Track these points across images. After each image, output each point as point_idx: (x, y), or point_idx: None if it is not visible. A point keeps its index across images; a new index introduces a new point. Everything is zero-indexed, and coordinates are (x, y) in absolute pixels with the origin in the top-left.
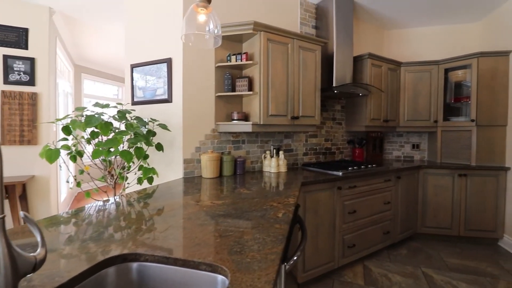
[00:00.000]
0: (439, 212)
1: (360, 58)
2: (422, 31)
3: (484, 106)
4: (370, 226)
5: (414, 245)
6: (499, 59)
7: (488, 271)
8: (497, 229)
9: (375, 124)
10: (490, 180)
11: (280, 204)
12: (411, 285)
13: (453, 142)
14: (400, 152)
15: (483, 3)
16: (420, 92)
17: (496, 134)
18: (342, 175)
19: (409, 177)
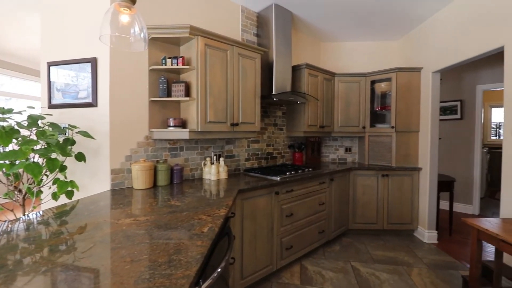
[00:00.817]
0: (366, 209)
1: (298, 68)
2: (353, 45)
3: (401, 114)
4: (306, 227)
5: (346, 241)
6: (413, 74)
7: (405, 260)
8: (412, 222)
9: (312, 129)
10: (406, 179)
11: (210, 217)
12: (341, 280)
13: (378, 146)
14: (335, 155)
15: (400, 25)
16: (351, 101)
17: (411, 139)
18: (280, 180)
19: (341, 179)
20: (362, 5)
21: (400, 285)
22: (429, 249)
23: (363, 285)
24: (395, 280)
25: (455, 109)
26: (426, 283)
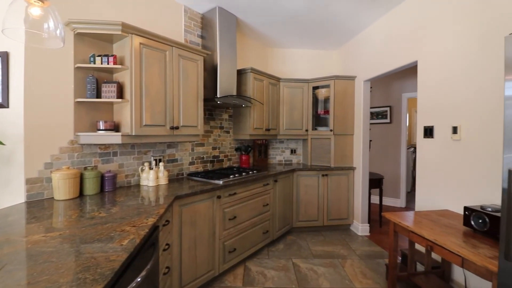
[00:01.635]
0: (309, 207)
1: (244, 72)
2: (298, 52)
3: (339, 118)
4: (250, 228)
5: (290, 239)
6: (348, 82)
7: (341, 253)
8: (349, 217)
9: (258, 132)
10: (343, 178)
11: (134, 228)
12: (282, 277)
13: (319, 148)
14: (282, 156)
15: (338, 36)
16: (295, 105)
17: (347, 141)
18: (222, 184)
19: (285, 180)
20: (302, 14)
21: (334, 277)
22: (362, 241)
23: (302, 280)
24: (330, 273)
25: (385, 114)
26: (356, 273)
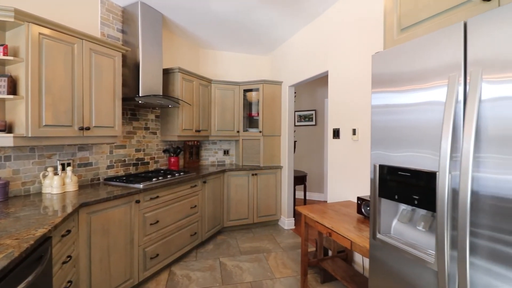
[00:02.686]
0: (239, 206)
1: (171, 71)
2: (231, 55)
3: (267, 120)
4: (176, 232)
5: (220, 238)
6: (276, 86)
7: (267, 247)
8: (277, 212)
9: (187, 133)
10: (271, 177)
11: (17, 240)
12: (207, 278)
13: (250, 148)
14: (215, 158)
15: (267, 42)
16: (227, 107)
17: (275, 142)
18: (143, 187)
19: (215, 181)
20: (230, 19)
21: (258, 271)
22: (287, 234)
23: (226, 278)
24: (254, 267)
25: (311, 117)
26: (278, 264)
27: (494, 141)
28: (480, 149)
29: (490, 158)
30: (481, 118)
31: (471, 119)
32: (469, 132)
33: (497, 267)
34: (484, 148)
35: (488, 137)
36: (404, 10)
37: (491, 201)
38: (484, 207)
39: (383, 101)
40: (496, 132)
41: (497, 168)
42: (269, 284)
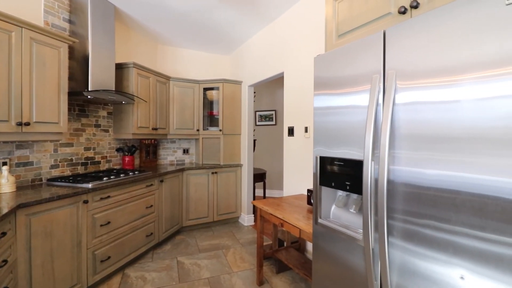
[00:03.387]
0: (199, 205)
1: (125, 66)
2: (192, 53)
3: (227, 119)
4: (130, 232)
5: (179, 238)
6: (236, 86)
7: (226, 244)
8: (237, 210)
9: (143, 131)
10: (231, 175)
11: None
12: (163, 277)
13: (210, 147)
14: (174, 157)
15: (228, 42)
16: (186, 105)
17: (235, 140)
18: (91, 187)
19: (173, 180)
20: (190, 16)
21: (216, 267)
22: (247, 230)
23: (184, 276)
24: (213, 263)
25: (271, 116)
26: (236, 259)
27: (405, 139)
28: (394, 146)
29: (402, 153)
30: (396, 120)
31: (387, 121)
32: (385, 131)
33: (410, 244)
34: (398, 145)
35: (400, 135)
36: (341, 18)
37: (404, 188)
38: (398, 193)
39: (323, 103)
40: (407, 132)
41: (408, 161)
42: (226, 278)
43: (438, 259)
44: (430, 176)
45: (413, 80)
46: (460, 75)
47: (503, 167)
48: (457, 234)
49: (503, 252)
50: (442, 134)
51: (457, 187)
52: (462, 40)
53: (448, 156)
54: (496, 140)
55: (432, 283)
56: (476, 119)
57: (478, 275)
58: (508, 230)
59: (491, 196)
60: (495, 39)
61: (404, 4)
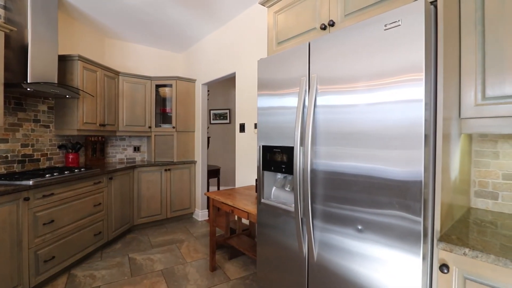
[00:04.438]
0: (151, 203)
1: (70, 59)
2: (144, 49)
3: (181, 116)
4: (77, 231)
5: (130, 237)
6: (190, 84)
7: (180, 238)
8: (191, 206)
9: (90, 128)
10: (185, 171)
11: None
12: (114, 274)
13: (163, 144)
14: (123, 155)
15: (182, 40)
16: (137, 101)
17: (189, 138)
18: (33, 184)
19: (123, 177)
20: (138, 9)
21: (169, 260)
22: (201, 225)
23: (136, 270)
24: (166, 257)
25: (225, 115)
26: (190, 251)
27: (323, 136)
28: (316, 141)
29: (322, 147)
30: (317, 120)
31: (309, 124)
32: (308, 129)
33: (326, 207)
34: (319, 141)
35: (320, 133)
36: (280, 28)
37: (324, 181)
38: (318, 176)
39: (265, 103)
40: (324, 130)
41: (325, 154)
42: (180, 268)
43: (343, 214)
44: (337, 165)
45: (328, 85)
46: (355, 83)
47: (383, 157)
48: (355, 200)
49: (382, 213)
50: (345, 132)
51: (355, 173)
52: (357, 54)
53: (348, 150)
54: (379, 136)
55: (340, 233)
56: (366, 120)
57: (369, 228)
58: (383, 200)
59: (376, 177)
60: (378, 55)
61: (324, 22)
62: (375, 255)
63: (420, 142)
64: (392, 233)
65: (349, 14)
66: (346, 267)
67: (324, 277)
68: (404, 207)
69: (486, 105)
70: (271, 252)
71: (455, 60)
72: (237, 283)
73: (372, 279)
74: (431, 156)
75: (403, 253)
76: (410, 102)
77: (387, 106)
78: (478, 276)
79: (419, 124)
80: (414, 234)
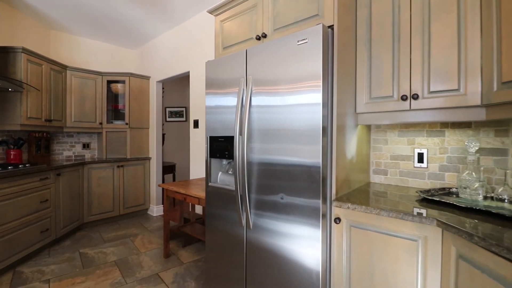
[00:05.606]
0: (103, 200)
1: (12, 51)
2: (94, 43)
3: (134, 113)
4: (22, 228)
5: (80, 234)
6: (144, 81)
7: (134, 232)
8: (145, 202)
9: (34, 123)
10: (139, 168)
11: None
12: (65, 267)
13: (115, 141)
14: (71, 152)
15: (136, 37)
16: (87, 97)
17: (143, 134)
18: None
19: (72, 173)
20: (86, 2)
21: (123, 252)
22: (156, 219)
23: (88, 263)
24: (120, 249)
25: (182, 113)
26: (144, 243)
27: (256, 132)
28: (252, 137)
29: (256, 143)
30: (253, 119)
31: (245, 119)
32: (244, 126)
33: (260, 188)
34: (254, 134)
35: (255, 130)
36: (225, 35)
37: (257, 168)
38: (254, 168)
39: (211, 102)
40: (258, 127)
41: (259, 146)
42: (134, 258)
43: (271, 188)
44: (267, 156)
45: (260, 86)
46: (279, 86)
47: (299, 150)
48: (280, 178)
49: (295, 186)
50: (270, 129)
51: (279, 160)
52: (281, 62)
53: (275, 145)
54: (296, 133)
55: (268, 204)
56: (285, 119)
57: (288, 196)
58: (295, 185)
59: (294, 164)
60: (294, 64)
61: (259, 34)
62: (293, 214)
63: (319, 137)
64: (303, 200)
65: (277, 29)
66: (273, 227)
67: (258, 239)
68: (311, 181)
69: (371, 103)
70: (218, 227)
71: (353, 69)
72: (190, 265)
73: (292, 231)
74: (328, 143)
75: (311, 211)
76: (313, 105)
77: (300, 107)
78: (358, 223)
79: (318, 119)
80: (316, 197)
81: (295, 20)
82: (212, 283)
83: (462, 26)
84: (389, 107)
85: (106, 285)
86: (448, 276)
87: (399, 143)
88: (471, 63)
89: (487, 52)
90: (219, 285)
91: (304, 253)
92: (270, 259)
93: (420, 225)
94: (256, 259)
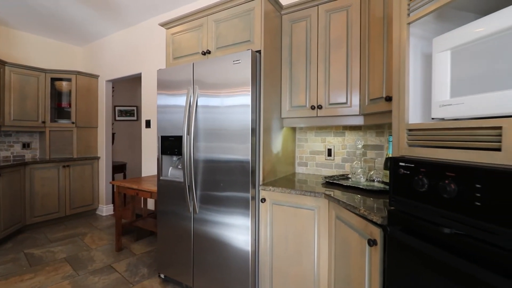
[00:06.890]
0: (47, 201)
1: None
2: (36, 38)
3: (82, 112)
4: None
5: (22, 236)
6: (92, 79)
7: (82, 232)
8: (94, 202)
9: None
10: (87, 167)
11: None
12: (10, 267)
13: (60, 140)
14: (9, 152)
15: (82, 34)
16: (28, 94)
17: (91, 133)
18: None
19: (12, 174)
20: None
21: (72, 249)
22: (106, 219)
23: (36, 262)
24: (69, 247)
25: (132, 112)
26: (95, 240)
27: (202, 132)
28: (198, 136)
29: (201, 141)
30: (199, 119)
31: (192, 119)
32: (191, 126)
33: (205, 182)
34: (200, 136)
35: (200, 129)
36: (174, 47)
37: (203, 163)
38: (200, 164)
39: (163, 102)
40: (203, 127)
41: (204, 144)
42: (84, 254)
43: (213, 180)
44: (210, 154)
45: (204, 89)
46: (220, 90)
47: (235, 148)
48: (220, 171)
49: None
50: (213, 128)
51: (220, 157)
52: (221, 73)
53: (216, 144)
54: (233, 132)
55: (210, 192)
56: (224, 120)
57: (226, 185)
58: (234, 179)
59: (231, 160)
60: (231, 75)
61: (204, 50)
62: (230, 199)
63: (248, 137)
64: (238, 186)
65: (219, 48)
66: (215, 211)
67: (203, 222)
68: (243, 173)
69: (292, 110)
70: (168, 216)
71: (278, 83)
72: (142, 256)
73: (229, 212)
74: (257, 142)
75: (244, 195)
76: (245, 106)
77: (235, 108)
78: (277, 201)
79: (248, 121)
80: (247, 184)
81: (233, 42)
82: (163, 268)
83: (349, 57)
84: (304, 113)
85: (58, 278)
86: (332, 231)
87: (315, 141)
88: (355, 85)
89: (362, 78)
90: (170, 269)
91: (238, 225)
92: (212, 242)
93: (315, 198)
94: (201, 243)
